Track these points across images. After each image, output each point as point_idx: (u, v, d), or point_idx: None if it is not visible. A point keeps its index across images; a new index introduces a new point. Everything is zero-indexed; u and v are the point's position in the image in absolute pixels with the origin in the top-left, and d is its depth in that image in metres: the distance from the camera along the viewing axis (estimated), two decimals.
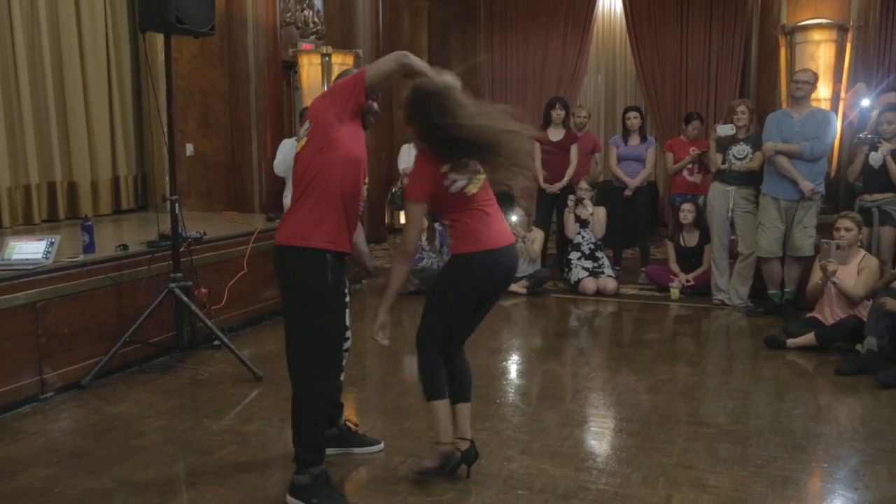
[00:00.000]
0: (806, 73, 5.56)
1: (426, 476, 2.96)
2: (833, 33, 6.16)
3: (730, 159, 5.83)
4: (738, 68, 9.39)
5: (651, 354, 4.76)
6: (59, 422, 3.70)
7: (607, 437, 3.51)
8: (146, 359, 4.49)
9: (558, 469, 3.09)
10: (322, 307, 2.78)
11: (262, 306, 5.52)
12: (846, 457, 3.27)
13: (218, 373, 4.39)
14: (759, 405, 3.89)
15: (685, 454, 3.24)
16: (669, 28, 9.71)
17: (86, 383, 4.07)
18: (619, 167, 6.99)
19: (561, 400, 3.96)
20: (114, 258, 4.37)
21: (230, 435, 3.48)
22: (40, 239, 4.12)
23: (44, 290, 3.90)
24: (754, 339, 5.10)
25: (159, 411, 3.78)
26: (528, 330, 5.61)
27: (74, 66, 6.01)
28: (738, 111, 5.88)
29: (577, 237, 6.68)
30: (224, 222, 5.90)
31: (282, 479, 3.01)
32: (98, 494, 2.90)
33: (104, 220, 6.04)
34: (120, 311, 4.33)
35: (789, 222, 5.54)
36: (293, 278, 2.78)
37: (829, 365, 4.48)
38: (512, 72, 10.56)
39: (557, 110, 6.92)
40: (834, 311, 4.82)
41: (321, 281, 2.73)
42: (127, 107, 6.59)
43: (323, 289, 2.75)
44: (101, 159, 6.29)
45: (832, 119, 5.58)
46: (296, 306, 2.82)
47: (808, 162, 5.42)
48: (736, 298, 5.93)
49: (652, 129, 9.47)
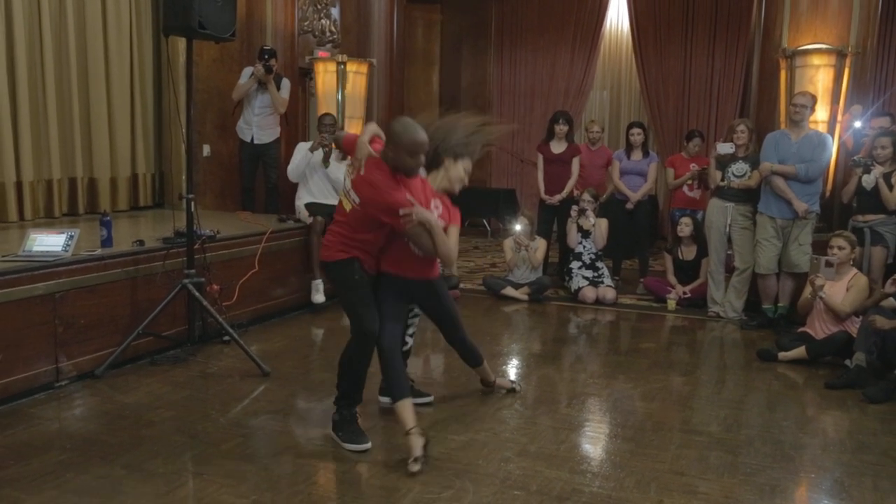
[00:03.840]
0: (804, 97, 5.57)
1: (422, 464, 3.04)
2: (832, 58, 6.16)
3: (729, 177, 5.83)
4: (740, 89, 9.41)
5: (647, 363, 4.76)
6: (72, 409, 3.72)
7: (602, 442, 3.51)
8: (158, 351, 4.50)
9: (554, 471, 3.10)
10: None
11: (272, 304, 5.54)
12: (832, 468, 3.27)
13: (226, 367, 4.40)
14: (750, 415, 3.89)
15: (677, 461, 3.24)
16: (674, 48, 9.74)
17: (99, 373, 4.09)
18: (621, 181, 7.00)
19: (558, 404, 3.97)
20: (130, 253, 4.39)
21: (237, 427, 3.49)
22: (60, 232, 4.15)
23: (62, 281, 3.92)
24: (747, 352, 5.09)
25: (169, 402, 3.80)
26: (528, 335, 5.61)
27: (99, 67, 6.05)
28: (738, 130, 5.88)
29: (578, 247, 6.68)
30: (237, 222, 5.92)
31: (285, 472, 3.02)
32: (108, 481, 2.91)
33: (122, 216, 6.07)
34: (134, 305, 4.35)
35: (785, 240, 5.55)
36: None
37: (819, 379, 4.48)
38: (520, 84, 10.60)
39: (560, 125, 6.93)
40: (824, 326, 4.83)
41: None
42: (148, 107, 6.63)
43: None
44: (121, 157, 6.32)
45: (828, 142, 5.59)
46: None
47: (802, 183, 5.43)
48: (731, 311, 5.93)
49: (654, 144, 9.48)
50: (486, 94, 10.88)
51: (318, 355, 4.94)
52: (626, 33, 10.28)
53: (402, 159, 3.09)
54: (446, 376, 4.38)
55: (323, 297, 5.83)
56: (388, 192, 3.06)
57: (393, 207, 3.05)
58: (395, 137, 3.09)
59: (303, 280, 5.86)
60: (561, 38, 10.26)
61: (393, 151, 3.10)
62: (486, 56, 10.84)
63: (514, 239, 6.70)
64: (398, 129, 3.10)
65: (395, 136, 3.09)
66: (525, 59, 10.53)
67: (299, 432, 3.52)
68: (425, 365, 4.63)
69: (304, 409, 3.86)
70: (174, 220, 4.77)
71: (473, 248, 9.43)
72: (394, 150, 3.09)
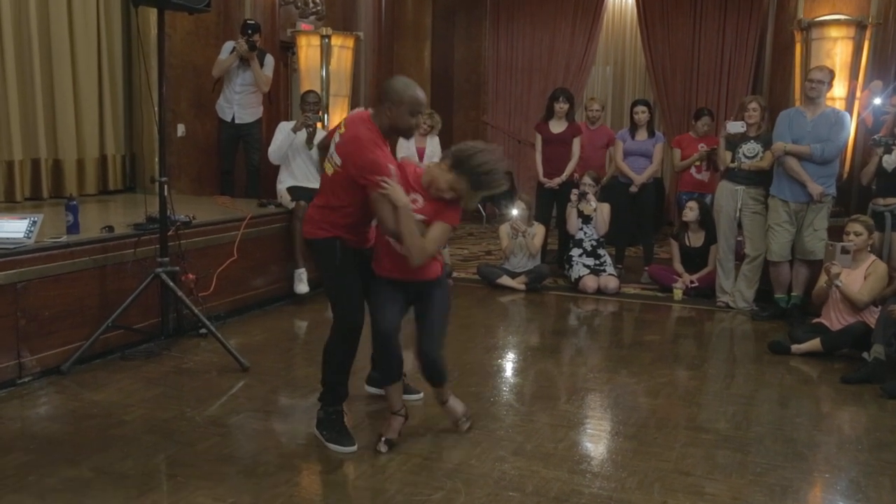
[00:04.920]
0: (821, 72, 5.55)
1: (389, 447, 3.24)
2: (851, 30, 6.14)
3: (739, 157, 5.82)
4: (752, 64, 9.40)
5: (651, 356, 4.76)
6: (36, 408, 3.70)
7: (603, 440, 3.52)
8: (129, 345, 4.48)
9: (551, 471, 3.10)
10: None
11: (251, 294, 5.52)
12: (848, 467, 3.28)
13: (203, 362, 4.39)
14: (760, 412, 3.90)
15: (683, 460, 3.25)
16: (682, 20, 9.70)
17: (66, 369, 4.07)
18: (625, 162, 6.99)
19: (556, 400, 3.97)
20: (99, 240, 4.36)
21: (214, 426, 3.48)
22: (22, 217, 4.12)
23: (24, 270, 3.89)
24: (758, 344, 5.11)
25: (141, 400, 3.78)
26: (525, 327, 5.61)
27: (63, 39, 5.97)
28: (749, 108, 5.88)
29: (578, 233, 6.68)
30: (214, 207, 5.89)
31: (265, 473, 3.01)
32: (75, 484, 2.90)
33: (89, 201, 6.03)
34: (103, 295, 4.32)
35: (799, 225, 5.55)
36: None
37: (835, 373, 4.49)
38: (517, 59, 10.55)
39: (561, 103, 6.91)
40: (840, 316, 4.84)
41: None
42: (117, 83, 6.57)
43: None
44: (88, 137, 6.26)
45: (846, 120, 5.57)
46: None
47: (818, 164, 5.42)
48: (741, 301, 5.94)
49: (660, 124, 9.47)
50: (481, 70, 10.84)
51: (301, 349, 4.93)
52: (630, 4, 10.25)
53: (403, 118, 3.14)
54: None
55: (306, 287, 5.82)
56: (371, 150, 3.08)
57: (372, 167, 3.05)
58: (395, 95, 3.13)
59: (285, 269, 5.84)
60: (561, 10, 10.21)
61: (392, 110, 3.13)
62: (481, 29, 10.78)
63: (510, 225, 6.69)
64: (399, 86, 3.15)
65: (396, 93, 3.13)
66: (523, 32, 10.48)
67: (281, 431, 3.51)
68: (416, 360, 4.61)
69: (287, 407, 3.86)
70: (146, 205, 4.73)
71: (468, 234, 9.43)
72: (393, 109, 3.13)
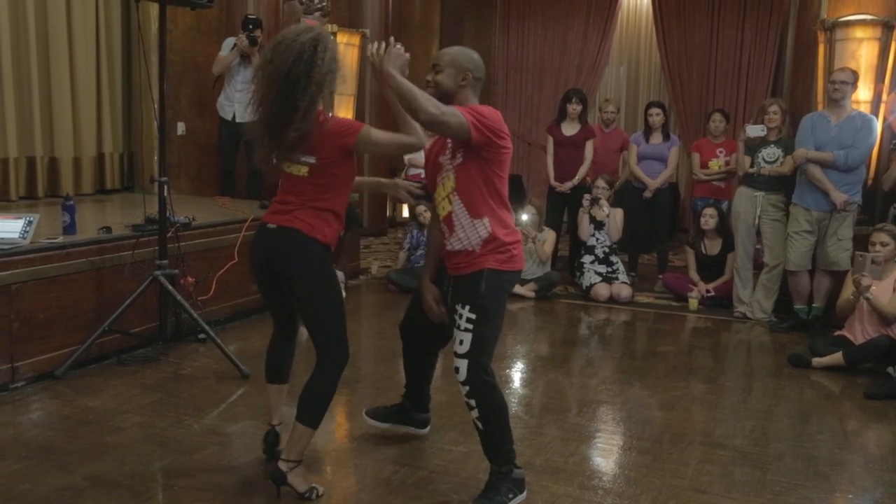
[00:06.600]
0: (844, 73, 5.52)
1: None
2: (877, 30, 6.11)
3: (759, 162, 5.80)
4: (772, 65, 9.36)
5: (665, 368, 4.75)
6: (29, 414, 3.70)
7: (615, 455, 3.51)
8: (126, 350, 4.49)
9: (561, 486, 3.09)
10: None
11: (252, 299, 5.50)
12: (872, 487, 3.26)
13: (202, 368, 4.39)
14: (779, 428, 3.88)
15: (698, 477, 3.24)
16: (699, 19, 9.68)
17: (60, 373, 4.07)
18: (639, 166, 6.98)
19: (567, 413, 3.96)
20: (96, 241, 4.37)
21: (212, 435, 3.48)
22: (17, 217, 4.13)
23: (19, 272, 3.90)
24: (777, 357, 5.09)
25: (137, 406, 3.78)
26: (534, 336, 5.60)
27: (61, 34, 6.01)
28: (770, 111, 5.86)
29: (590, 239, 6.67)
30: (214, 208, 5.91)
31: (266, 485, 3.01)
32: (68, 493, 2.90)
33: (86, 200, 6.05)
34: (100, 298, 4.33)
35: (822, 234, 5.52)
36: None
37: (858, 388, 4.47)
38: (528, 59, 10.55)
39: (574, 104, 6.91)
40: (865, 330, 4.82)
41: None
42: (116, 79, 6.60)
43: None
44: (86, 134, 6.29)
45: (873, 125, 5.52)
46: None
47: (842, 172, 5.39)
48: (759, 312, 5.92)
49: (676, 127, 9.46)
50: (491, 70, 10.82)
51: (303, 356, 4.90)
52: (645, 2, 10.24)
53: (474, 86, 3.02)
54: (443, 381, 4.36)
55: None
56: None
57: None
58: (470, 63, 3.00)
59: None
60: (573, 8, 10.21)
61: (466, 80, 2.98)
62: (491, 27, 10.79)
63: (520, 230, 6.67)
64: (476, 57, 3.04)
65: (473, 62, 3.01)
66: (534, 30, 10.48)
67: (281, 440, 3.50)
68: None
69: (287, 415, 3.83)
70: (145, 206, 4.74)
71: None
72: (468, 79, 2.98)
